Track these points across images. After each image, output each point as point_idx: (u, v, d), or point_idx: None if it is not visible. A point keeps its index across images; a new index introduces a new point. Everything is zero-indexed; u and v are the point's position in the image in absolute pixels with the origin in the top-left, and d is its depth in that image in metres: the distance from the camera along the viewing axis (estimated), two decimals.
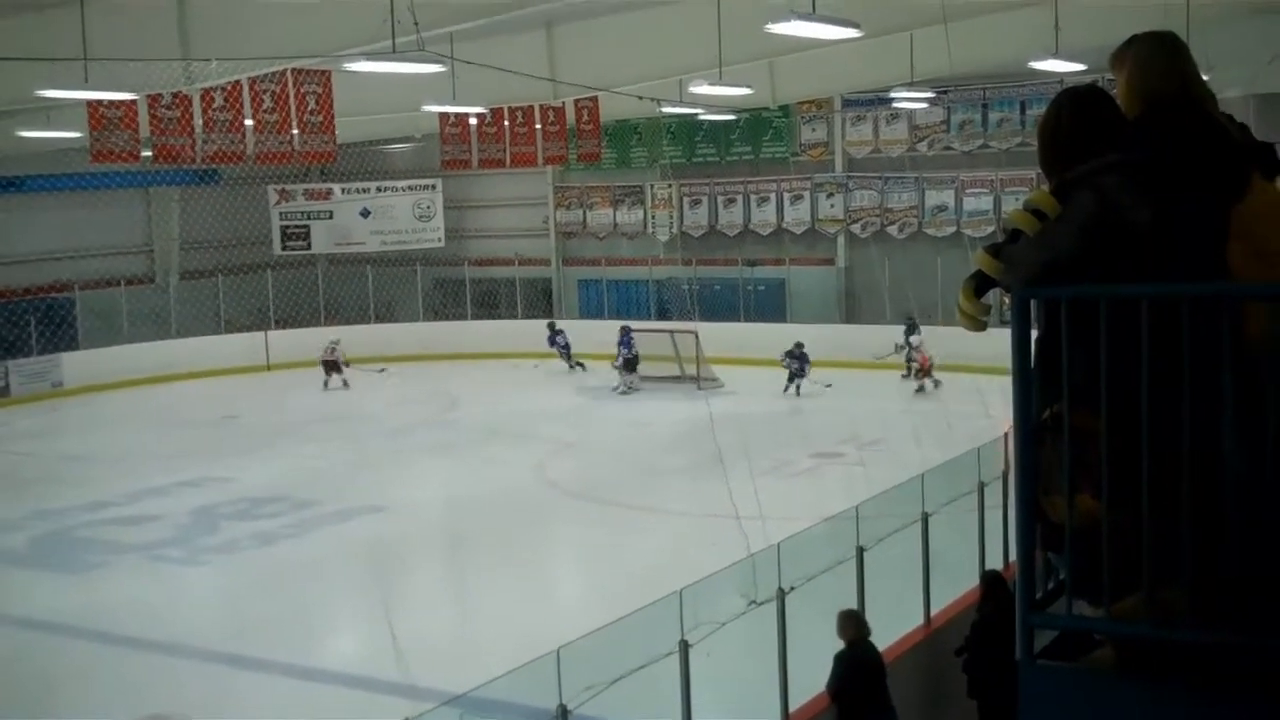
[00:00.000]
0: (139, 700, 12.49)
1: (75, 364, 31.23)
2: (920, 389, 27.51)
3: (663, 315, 34.33)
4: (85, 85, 14.92)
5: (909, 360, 28.57)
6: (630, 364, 29.30)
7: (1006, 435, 11.68)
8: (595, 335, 31.41)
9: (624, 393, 28.79)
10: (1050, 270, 3.33)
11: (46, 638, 14.53)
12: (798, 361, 27.80)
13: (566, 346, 32.50)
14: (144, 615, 14.90)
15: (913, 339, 28.60)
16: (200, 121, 18.91)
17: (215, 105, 18.85)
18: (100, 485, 21.40)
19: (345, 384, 30.80)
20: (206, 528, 18.76)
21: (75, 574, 16.85)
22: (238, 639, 14.03)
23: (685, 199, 35.89)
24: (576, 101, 25.31)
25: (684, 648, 8.62)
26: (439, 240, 37.30)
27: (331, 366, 31.05)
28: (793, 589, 9.58)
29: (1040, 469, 3.40)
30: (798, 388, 27.85)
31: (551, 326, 33.13)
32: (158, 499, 20.30)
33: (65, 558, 17.55)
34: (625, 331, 29.68)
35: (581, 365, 31.97)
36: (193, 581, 16.72)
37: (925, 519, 11.54)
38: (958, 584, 12.24)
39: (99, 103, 17.98)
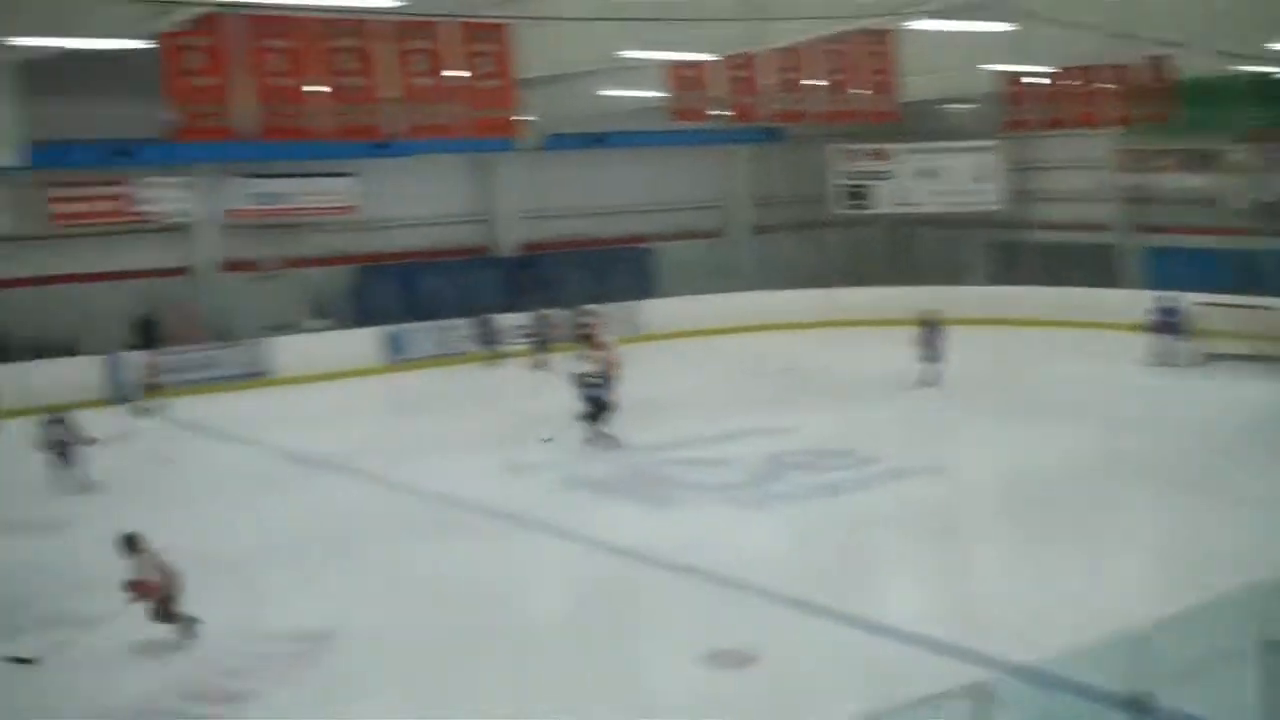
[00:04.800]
0: (710, 633, 13.10)
1: (655, 311, 33.48)
2: None
3: (1241, 289, 32.12)
4: (663, 46, 15.73)
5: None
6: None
7: None
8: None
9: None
10: None
11: (629, 565, 15.60)
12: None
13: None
14: (717, 552, 15.63)
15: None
16: (768, 81, 19.59)
17: (782, 65, 19.42)
18: (678, 426, 22.82)
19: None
20: (774, 474, 19.52)
21: (657, 507, 17.99)
22: (803, 584, 14.47)
23: (1264, 164, 33.36)
24: (1149, 58, 24.05)
25: (1266, 647, 8.28)
26: (997, 202, 36.77)
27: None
28: None
29: None
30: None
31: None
32: (730, 443, 21.33)
33: (648, 491, 18.81)
34: None
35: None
36: (762, 524, 17.32)
37: None
38: None
39: (678, 64, 18.96)
